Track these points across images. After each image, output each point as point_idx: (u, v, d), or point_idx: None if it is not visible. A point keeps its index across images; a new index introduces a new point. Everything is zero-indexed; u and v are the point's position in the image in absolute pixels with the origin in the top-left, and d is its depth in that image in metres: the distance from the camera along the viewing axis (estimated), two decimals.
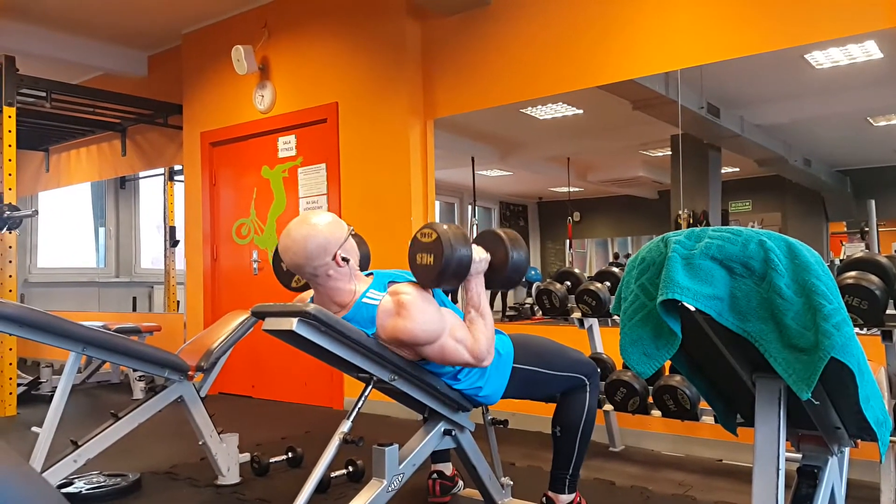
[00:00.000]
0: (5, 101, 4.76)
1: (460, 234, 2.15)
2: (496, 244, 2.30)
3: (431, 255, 2.13)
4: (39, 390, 5.37)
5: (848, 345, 1.21)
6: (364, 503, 2.07)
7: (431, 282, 2.15)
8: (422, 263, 2.15)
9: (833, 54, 4.25)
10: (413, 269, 2.20)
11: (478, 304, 2.22)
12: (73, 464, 2.65)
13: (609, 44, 3.74)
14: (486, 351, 2.15)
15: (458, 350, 2.10)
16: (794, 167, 6.54)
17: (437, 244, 2.11)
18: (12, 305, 2.57)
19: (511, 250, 2.27)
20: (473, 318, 2.19)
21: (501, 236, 2.30)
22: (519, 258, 2.28)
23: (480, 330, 2.16)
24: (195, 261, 5.73)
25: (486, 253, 2.26)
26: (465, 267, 2.16)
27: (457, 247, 2.12)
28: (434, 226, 2.16)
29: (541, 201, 10.51)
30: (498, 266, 2.28)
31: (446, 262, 2.09)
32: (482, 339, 2.14)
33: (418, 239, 2.18)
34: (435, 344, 2.07)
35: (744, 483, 2.93)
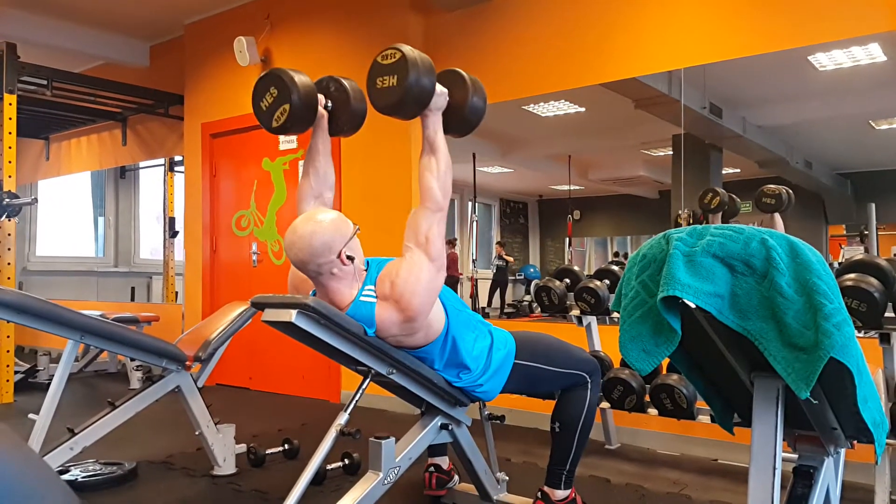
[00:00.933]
0: (6, 89, 4.75)
1: (427, 61, 2.07)
2: (457, 84, 2.21)
3: (394, 76, 2.04)
4: (36, 378, 5.37)
5: (848, 345, 1.21)
6: (360, 495, 2.07)
7: (391, 106, 2.09)
8: (382, 86, 2.06)
9: (836, 56, 4.24)
10: (372, 95, 2.12)
11: (433, 141, 2.16)
12: (70, 451, 2.65)
13: (612, 41, 3.74)
14: (442, 196, 2.12)
15: (432, 235, 2.08)
16: (794, 169, 6.53)
17: (401, 64, 2.02)
18: (11, 292, 2.56)
19: (472, 92, 2.19)
20: (428, 163, 2.14)
21: (463, 76, 2.21)
22: (478, 101, 2.20)
23: (433, 172, 2.13)
24: (194, 252, 5.72)
25: (445, 89, 2.18)
26: (428, 94, 2.07)
27: (423, 69, 2.03)
28: (399, 46, 2.07)
29: (541, 199, 10.51)
30: (456, 106, 2.19)
31: (410, 84, 2.01)
32: (434, 186, 2.12)
33: (379, 62, 2.08)
34: (437, 272, 2.07)
35: (739, 483, 2.93)
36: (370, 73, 2.10)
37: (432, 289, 2.07)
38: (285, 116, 2.27)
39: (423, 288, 2.04)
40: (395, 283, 2.04)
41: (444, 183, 2.14)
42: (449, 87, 2.20)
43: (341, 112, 2.40)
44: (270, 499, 2.72)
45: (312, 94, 2.32)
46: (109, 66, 6.46)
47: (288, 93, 2.26)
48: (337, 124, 2.42)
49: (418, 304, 2.03)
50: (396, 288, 2.03)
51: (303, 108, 2.28)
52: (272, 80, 2.30)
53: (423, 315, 2.06)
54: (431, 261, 2.06)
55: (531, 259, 11.16)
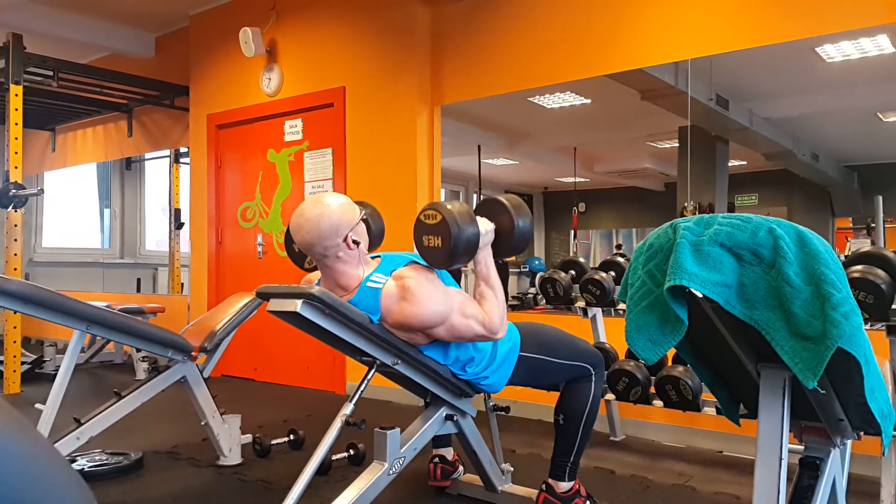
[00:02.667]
0: (12, 80, 4.75)
1: (465, 212, 2.10)
2: (500, 212, 2.23)
3: (439, 237, 2.08)
4: (43, 369, 5.40)
5: (856, 335, 1.21)
6: (365, 486, 2.08)
7: (442, 263, 2.13)
8: (429, 246, 2.11)
9: (844, 48, 4.22)
10: (421, 252, 2.17)
11: (487, 276, 2.19)
12: (76, 441, 2.66)
13: (619, 32, 3.72)
14: (500, 323, 2.13)
15: (469, 325, 2.09)
16: (801, 161, 6.51)
17: (443, 226, 2.07)
18: (17, 282, 2.57)
19: (516, 218, 2.21)
20: (484, 291, 2.17)
21: (505, 204, 2.23)
22: (524, 225, 2.23)
23: (492, 302, 2.15)
24: (200, 243, 5.73)
25: (491, 224, 2.21)
26: (474, 244, 2.11)
27: (463, 226, 2.07)
28: (438, 206, 2.10)
29: (546, 191, 10.49)
30: (504, 235, 2.22)
31: (455, 243, 2.05)
32: (494, 312, 2.13)
33: (422, 221, 2.13)
34: (444, 324, 2.06)
35: (744, 475, 2.93)
36: (416, 228, 2.15)
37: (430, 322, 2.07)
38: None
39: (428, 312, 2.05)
40: (418, 281, 2.06)
41: (501, 312, 2.16)
42: (492, 217, 2.23)
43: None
44: (276, 489, 2.73)
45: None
46: (115, 57, 6.46)
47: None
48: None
49: (414, 313, 2.05)
50: (414, 284, 2.05)
51: None
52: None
53: (406, 325, 2.07)
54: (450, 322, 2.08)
55: (536, 252, 11.14)
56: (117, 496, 2.67)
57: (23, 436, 0.53)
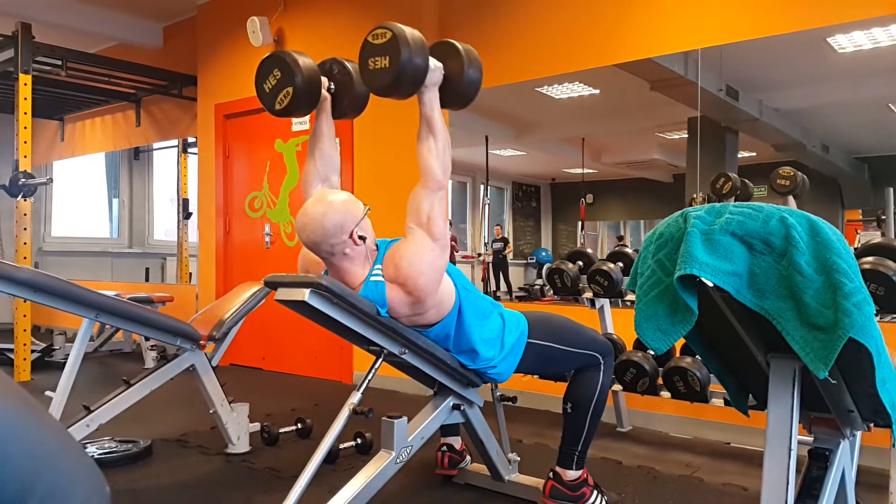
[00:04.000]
0: (21, 69, 4.76)
1: (418, 37, 2.02)
2: (451, 56, 2.14)
3: (386, 57, 1.99)
4: (53, 357, 5.43)
5: (867, 325, 1.20)
6: (372, 474, 2.08)
7: (385, 88, 2.05)
8: (375, 68, 2.02)
9: (856, 38, 4.17)
10: (365, 78, 2.08)
11: (430, 118, 2.12)
12: (86, 428, 2.68)
13: (629, 21, 3.69)
14: (443, 173, 2.10)
15: (434, 215, 2.06)
16: (811, 153, 6.45)
17: (392, 45, 1.97)
18: (27, 270, 2.58)
19: (467, 64, 2.12)
20: (424, 137, 2.12)
21: (458, 48, 2.14)
22: (474, 73, 2.14)
23: (431, 150, 2.10)
24: (208, 233, 5.74)
25: (440, 63, 2.12)
26: (422, 73, 2.03)
27: (415, 49, 1.98)
28: (389, 25, 2.01)
29: (554, 182, 10.45)
30: (452, 79, 2.13)
31: (403, 64, 1.96)
32: (434, 162, 2.09)
33: (370, 42, 2.03)
34: (440, 251, 2.06)
35: (752, 466, 2.93)
36: (361, 53, 2.05)
37: (437, 267, 2.07)
38: (288, 99, 2.26)
39: (427, 267, 2.04)
40: (399, 266, 2.04)
41: (443, 160, 2.11)
42: (443, 59, 2.14)
43: (345, 95, 2.39)
44: (283, 477, 2.74)
45: (316, 76, 2.31)
46: (123, 46, 6.46)
47: (291, 75, 2.24)
48: (340, 107, 2.41)
49: (424, 284, 2.03)
50: (401, 270, 2.03)
51: (306, 91, 2.26)
52: (275, 62, 2.28)
53: (431, 294, 2.06)
54: (434, 240, 2.06)
55: (543, 243, 11.12)
56: (127, 483, 2.69)
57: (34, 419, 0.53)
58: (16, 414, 0.51)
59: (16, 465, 0.49)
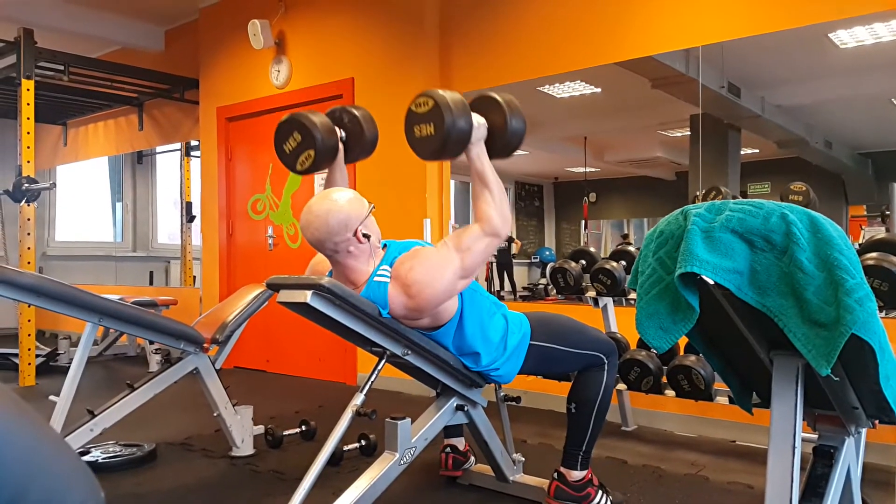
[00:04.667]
0: (24, 74, 4.77)
1: (459, 100, 2.05)
2: (493, 109, 2.16)
3: (431, 124, 2.03)
4: (57, 362, 5.44)
5: (870, 321, 1.19)
6: (376, 475, 2.08)
7: (433, 153, 2.08)
8: (421, 136, 2.06)
9: (858, 33, 4.16)
10: (413, 145, 2.12)
11: (482, 172, 2.13)
12: (90, 433, 2.68)
13: (629, 19, 3.69)
14: (501, 222, 2.10)
15: (474, 251, 2.06)
16: (814, 149, 6.44)
17: (435, 112, 2.01)
18: (30, 275, 2.59)
19: (509, 115, 2.14)
20: (479, 192, 2.13)
21: (498, 101, 2.16)
22: (517, 124, 2.17)
23: (488, 202, 2.11)
24: (211, 236, 5.75)
25: (483, 119, 2.15)
26: (467, 134, 2.06)
27: (457, 113, 2.01)
28: (430, 93, 2.05)
29: (557, 181, 10.46)
30: (496, 132, 2.16)
31: (448, 130, 2.00)
32: (492, 212, 2.10)
33: (413, 111, 2.07)
34: (457, 279, 2.04)
35: (757, 464, 2.92)
36: (407, 120, 2.11)
37: (448, 291, 2.05)
38: (310, 161, 2.38)
39: (439, 285, 2.02)
40: (413, 268, 2.04)
41: (502, 211, 2.12)
42: (485, 113, 2.17)
43: (355, 142, 2.50)
44: (288, 479, 2.74)
45: (333, 133, 2.41)
46: (125, 51, 6.48)
47: (312, 139, 2.35)
48: (352, 153, 2.51)
49: (428, 297, 2.03)
50: (413, 273, 2.03)
51: (326, 151, 2.38)
52: (295, 125, 2.39)
53: (429, 309, 2.06)
54: (462, 268, 2.05)
55: (546, 242, 11.12)
56: (131, 487, 2.69)
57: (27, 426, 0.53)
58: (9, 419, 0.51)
59: (9, 470, 0.49)
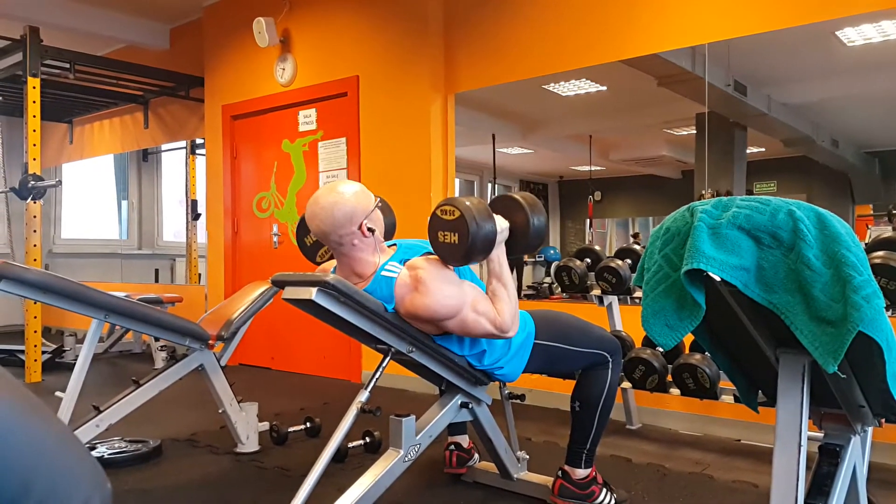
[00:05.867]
0: (30, 72, 4.78)
1: (483, 209, 2.07)
2: (515, 210, 2.19)
3: (455, 233, 2.05)
4: (63, 358, 5.46)
5: (877, 319, 1.18)
6: (380, 472, 2.08)
7: (458, 261, 2.11)
8: (445, 242, 2.08)
9: (865, 31, 4.14)
10: (435, 248, 2.14)
11: (500, 274, 2.16)
12: (96, 428, 2.69)
13: (635, 17, 3.67)
14: (511, 321, 2.11)
15: (479, 322, 2.07)
16: (821, 148, 6.41)
17: (460, 222, 2.03)
18: (36, 272, 2.60)
19: (532, 216, 2.17)
20: (496, 289, 2.15)
21: (520, 202, 2.18)
22: (539, 223, 2.19)
23: (504, 301, 2.12)
24: (216, 234, 5.76)
25: (506, 221, 2.17)
26: (491, 242, 2.08)
27: (482, 223, 2.04)
28: (456, 202, 2.07)
29: (561, 180, 10.43)
30: (519, 233, 2.18)
31: (473, 240, 2.02)
32: (506, 310, 2.11)
33: (439, 216, 2.09)
34: (455, 318, 2.05)
35: (762, 463, 2.91)
36: (431, 223, 2.11)
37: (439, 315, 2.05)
38: (329, 255, 2.45)
39: (438, 305, 2.03)
40: (430, 272, 2.05)
41: (513, 313, 2.13)
42: (507, 214, 2.19)
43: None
44: (293, 476, 2.75)
45: None
46: (130, 48, 6.49)
47: None
48: None
49: (423, 304, 2.03)
50: (427, 275, 2.04)
51: None
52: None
53: (416, 315, 2.06)
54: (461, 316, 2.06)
55: (551, 241, 11.09)
56: (137, 483, 2.70)
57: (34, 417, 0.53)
58: (16, 411, 0.51)
59: (17, 462, 0.49)
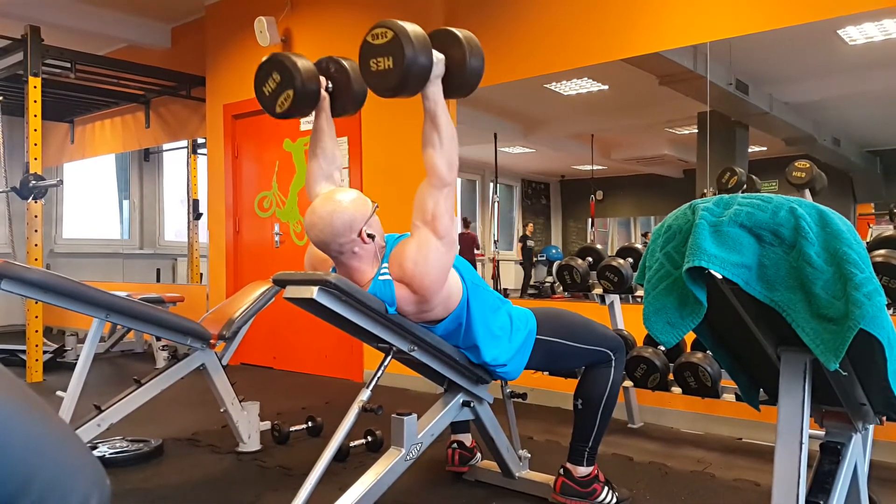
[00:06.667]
0: (31, 72, 4.79)
1: (420, 33, 1.94)
2: (452, 45, 2.04)
3: (389, 57, 1.92)
4: (65, 358, 5.47)
5: (879, 316, 1.18)
6: (382, 471, 2.08)
7: (390, 89, 1.99)
8: (378, 69, 1.95)
9: (867, 29, 4.13)
10: (367, 79, 2.02)
11: (434, 113, 2.05)
12: (97, 428, 2.69)
13: (636, 15, 3.67)
14: (447, 168, 2.04)
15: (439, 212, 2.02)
16: (822, 147, 6.39)
17: (395, 44, 1.90)
18: (37, 271, 2.60)
19: (469, 52, 2.03)
20: (428, 134, 2.06)
21: (458, 36, 2.04)
22: (476, 62, 2.05)
23: (436, 146, 2.05)
24: (218, 233, 5.76)
25: (441, 55, 2.04)
26: (427, 70, 1.95)
27: (419, 47, 1.90)
28: (389, 23, 1.93)
29: (563, 179, 10.42)
30: (454, 69, 2.04)
31: (408, 64, 1.89)
32: (438, 162, 2.03)
33: (370, 42, 1.96)
34: (445, 248, 2.03)
35: (763, 461, 2.91)
36: (361, 53, 1.99)
37: (442, 266, 2.05)
38: (289, 102, 2.28)
39: (432, 267, 2.02)
40: (403, 266, 2.03)
41: (449, 157, 2.06)
42: (444, 49, 2.06)
43: (343, 93, 2.40)
44: (294, 475, 2.75)
45: (314, 77, 2.32)
46: (132, 48, 6.50)
47: (291, 78, 2.26)
48: (339, 104, 2.43)
49: (430, 283, 2.03)
50: (406, 270, 2.03)
51: (306, 93, 2.27)
52: (273, 65, 2.30)
53: (437, 292, 2.06)
54: (439, 238, 2.03)
55: (553, 240, 11.08)
56: (138, 482, 2.70)
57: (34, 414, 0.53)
58: (16, 408, 0.51)
59: (16, 458, 0.49)
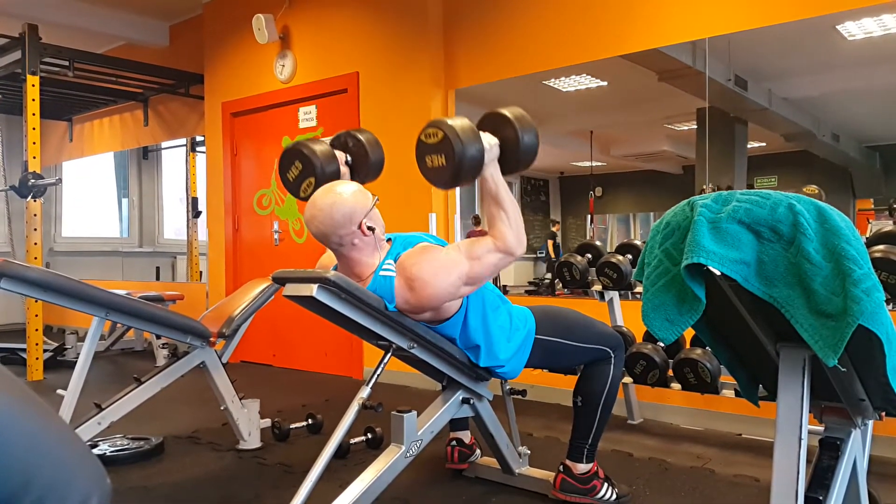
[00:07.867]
0: (29, 70, 4.78)
1: (468, 127, 2.02)
2: (503, 127, 2.12)
3: (441, 155, 2.01)
4: (65, 356, 5.47)
5: (877, 312, 1.18)
6: (382, 468, 2.08)
7: (447, 183, 2.07)
8: (433, 166, 2.04)
9: (866, 25, 4.13)
10: (424, 174, 2.10)
11: (496, 194, 2.09)
12: (97, 426, 2.70)
13: (635, 12, 3.67)
14: (516, 242, 2.08)
15: (484, 263, 2.05)
16: (822, 142, 6.41)
17: (445, 143, 1.99)
18: (37, 270, 2.60)
19: (521, 132, 2.10)
20: (493, 212, 2.10)
21: (508, 117, 2.12)
22: (530, 139, 2.12)
23: (503, 221, 2.08)
24: (217, 231, 5.76)
25: (495, 138, 2.10)
26: (479, 161, 2.03)
27: (467, 142, 1.98)
28: (438, 123, 2.03)
29: (562, 176, 10.43)
30: (509, 149, 2.11)
31: (459, 160, 1.97)
32: (507, 231, 2.07)
33: (423, 141, 2.05)
34: (462, 284, 2.04)
35: (763, 457, 2.91)
36: (417, 149, 2.09)
37: (449, 293, 2.05)
38: (311, 188, 2.39)
39: (441, 285, 2.02)
40: (419, 264, 2.04)
41: (517, 231, 2.09)
42: (496, 131, 2.13)
43: (362, 165, 2.52)
44: (295, 472, 2.75)
45: (332, 159, 2.43)
46: (130, 46, 6.49)
47: (311, 166, 2.39)
48: (360, 175, 2.52)
49: (429, 295, 2.02)
50: (418, 268, 2.03)
51: (326, 176, 2.39)
52: (295, 155, 2.43)
53: (428, 307, 2.06)
54: (468, 275, 2.04)
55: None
56: (139, 480, 2.71)
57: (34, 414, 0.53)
58: (16, 409, 0.51)
59: (16, 458, 0.49)
